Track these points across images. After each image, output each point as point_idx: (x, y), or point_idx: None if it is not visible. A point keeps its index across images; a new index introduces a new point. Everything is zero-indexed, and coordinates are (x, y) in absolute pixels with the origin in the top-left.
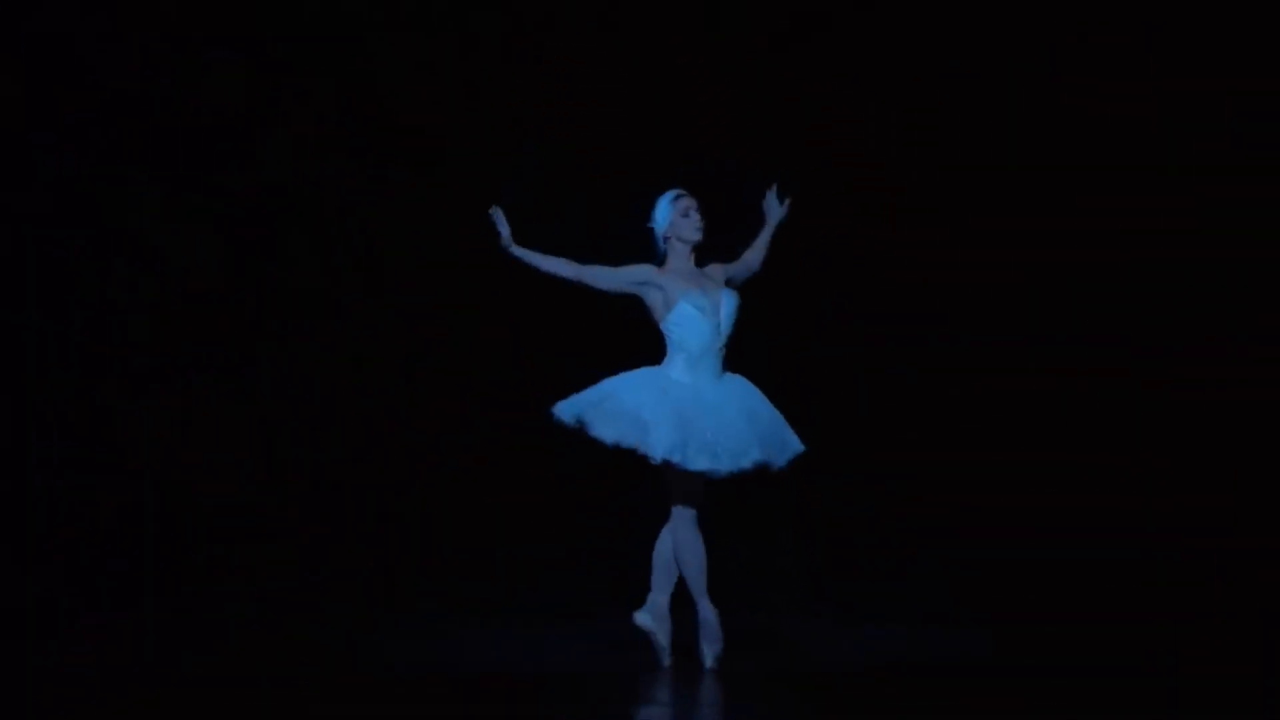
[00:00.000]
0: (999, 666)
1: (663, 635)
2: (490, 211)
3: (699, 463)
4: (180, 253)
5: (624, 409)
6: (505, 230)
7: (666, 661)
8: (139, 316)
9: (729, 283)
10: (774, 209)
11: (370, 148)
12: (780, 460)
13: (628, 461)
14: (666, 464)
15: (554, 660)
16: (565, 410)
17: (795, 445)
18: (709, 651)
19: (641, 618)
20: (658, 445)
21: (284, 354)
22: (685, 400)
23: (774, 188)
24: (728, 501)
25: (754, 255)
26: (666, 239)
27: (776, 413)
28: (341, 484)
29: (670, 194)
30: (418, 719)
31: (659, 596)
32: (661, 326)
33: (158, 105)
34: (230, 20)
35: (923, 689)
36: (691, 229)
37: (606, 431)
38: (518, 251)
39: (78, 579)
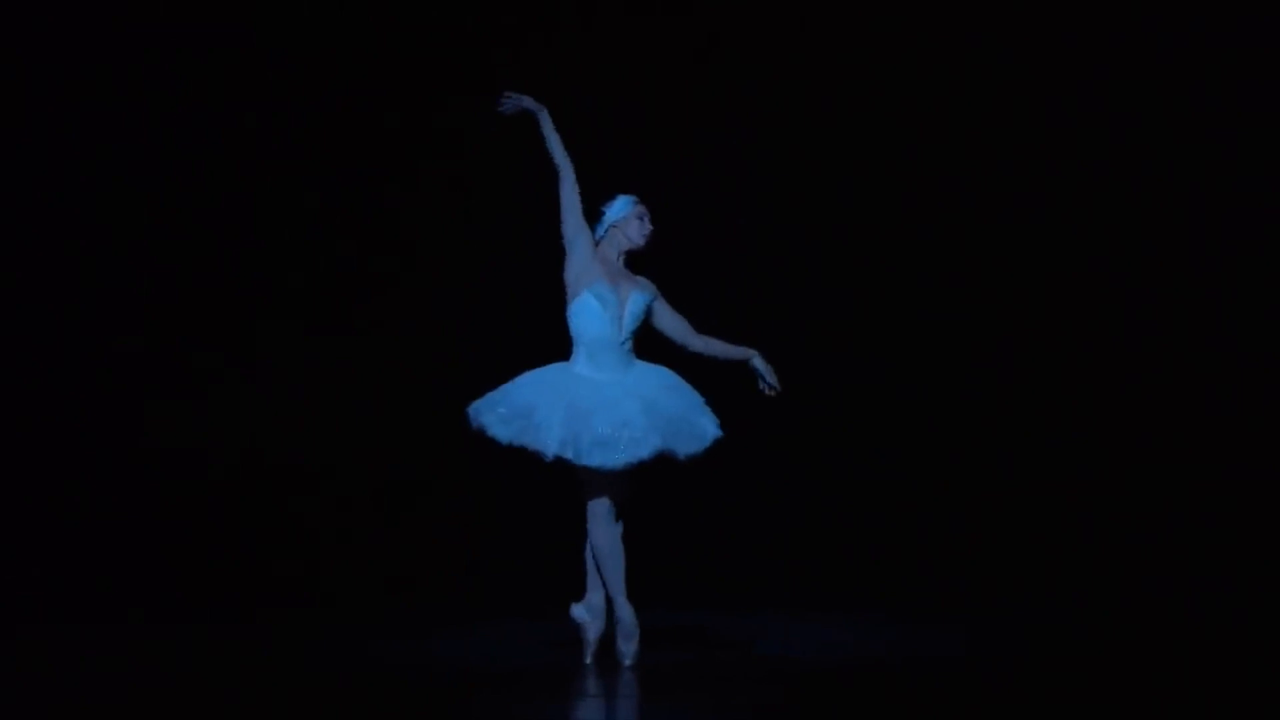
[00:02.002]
0: (969, 665)
1: (593, 631)
2: (507, 106)
3: (591, 458)
4: (180, 252)
5: (517, 408)
6: (525, 100)
7: (588, 659)
8: (138, 315)
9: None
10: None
11: (370, 146)
12: (689, 449)
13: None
14: (560, 461)
15: (503, 657)
16: (472, 412)
17: (710, 432)
18: (626, 650)
19: (577, 610)
20: (548, 443)
21: (282, 354)
22: (582, 395)
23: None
24: (693, 495)
25: (696, 339)
26: (611, 228)
27: (691, 401)
28: (333, 483)
29: (634, 198)
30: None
31: (594, 595)
32: (566, 314)
33: (157, 105)
34: (230, 19)
35: (902, 686)
36: (639, 234)
37: (501, 432)
38: (546, 124)
39: (74, 579)
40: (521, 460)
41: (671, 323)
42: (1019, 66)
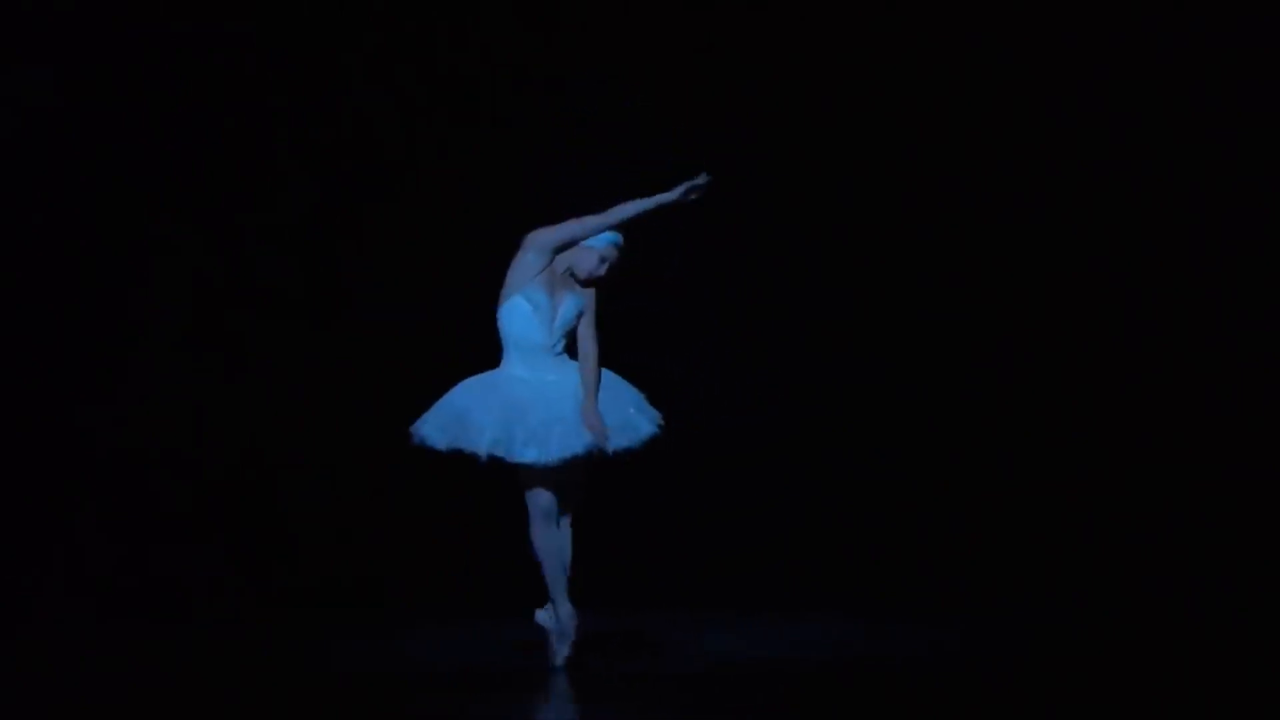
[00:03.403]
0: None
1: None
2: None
3: (526, 454)
4: (177, 252)
5: (453, 413)
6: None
7: (555, 662)
8: (137, 315)
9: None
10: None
11: (374, 144)
12: (621, 443)
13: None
14: (495, 460)
15: (478, 657)
16: (413, 430)
17: (645, 429)
18: (560, 650)
19: (541, 616)
20: (480, 442)
21: (281, 354)
22: (516, 394)
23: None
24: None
25: (585, 363)
26: (580, 245)
27: (626, 397)
28: (332, 482)
29: (617, 241)
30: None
31: None
32: (497, 314)
33: (152, 102)
34: (217, 19)
35: (902, 686)
36: (588, 270)
37: (438, 439)
38: (662, 204)
39: (73, 579)
40: (464, 466)
41: (581, 332)
42: (1019, 66)
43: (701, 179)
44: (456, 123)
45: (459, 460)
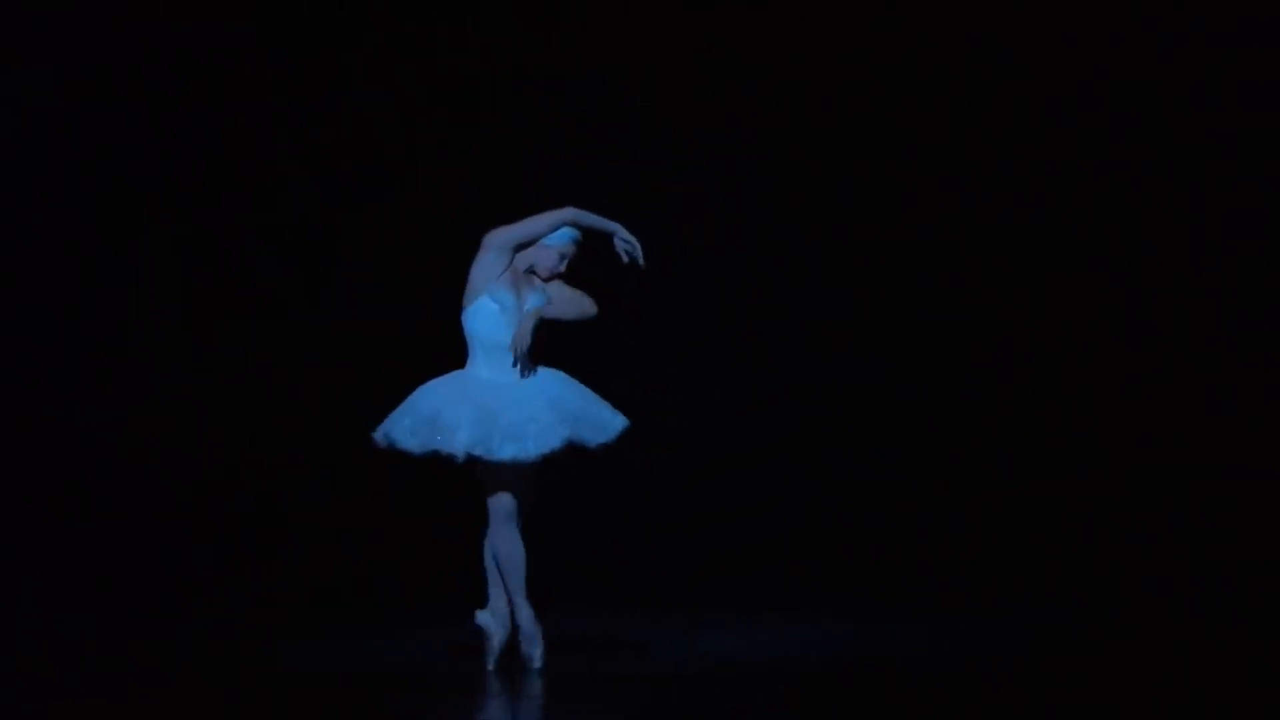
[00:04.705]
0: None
1: (497, 638)
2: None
3: (505, 451)
4: (176, 251)
5: (424, 416)
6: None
7: (490, 665)
8: (130, 314)
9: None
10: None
11: (375, 142)
12: (599, 438)
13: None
14: (472, 460)
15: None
16: (379, 433)
17: (616, 424)
18: (532, 654)
19: (482, 617)
20: (459, 442)
21: (281, 354)
22: (485, 395)
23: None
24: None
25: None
26: (540, 244)
27: (591, 396)
28: (331, 481)
29: (575, 238)
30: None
31: (497, 601)
32: (462, 316)
33: (152, 102)
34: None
35: (901, 687)
36: (547, 269)
37: (411, 443)
38: (602, 228)
39: (58, 580)
40: (436, 467)
41: (570, 297)
42: (1019, 66)
43: (638, 262)
44: (456, 123)
45: (432, 463)
